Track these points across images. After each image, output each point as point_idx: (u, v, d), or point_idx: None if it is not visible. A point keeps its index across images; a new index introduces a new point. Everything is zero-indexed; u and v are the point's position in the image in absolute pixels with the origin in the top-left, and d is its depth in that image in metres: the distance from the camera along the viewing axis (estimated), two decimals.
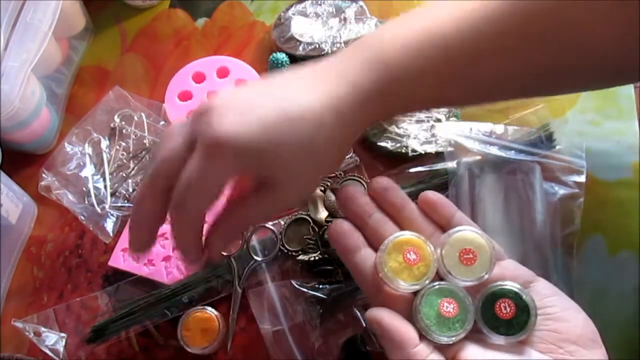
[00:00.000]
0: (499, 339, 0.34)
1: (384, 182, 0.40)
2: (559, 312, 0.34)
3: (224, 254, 0.52)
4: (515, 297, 0.34)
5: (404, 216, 0.40)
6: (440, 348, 0.34)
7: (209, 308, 0.50)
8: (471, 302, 0.34)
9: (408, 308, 0.36)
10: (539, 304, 0.34)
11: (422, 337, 0.35)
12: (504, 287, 0.34)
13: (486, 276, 0.35)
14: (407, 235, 0.37)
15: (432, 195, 0.39)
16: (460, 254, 0.35)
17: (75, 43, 0.65)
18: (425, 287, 0.35)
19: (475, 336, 0.35)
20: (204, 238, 0.38)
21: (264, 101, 0.35)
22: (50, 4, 0.57)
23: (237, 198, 0.38)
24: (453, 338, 0.34)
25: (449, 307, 0.34)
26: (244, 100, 0.35)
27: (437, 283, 0.35)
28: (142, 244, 0.38)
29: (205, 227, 0.38)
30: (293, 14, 0.64)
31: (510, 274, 0.36)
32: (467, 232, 0.36)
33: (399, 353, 0.34)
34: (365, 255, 0.39)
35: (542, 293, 0.35)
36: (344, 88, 0.36)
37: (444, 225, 0.39)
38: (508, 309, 0.34)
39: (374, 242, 0.39)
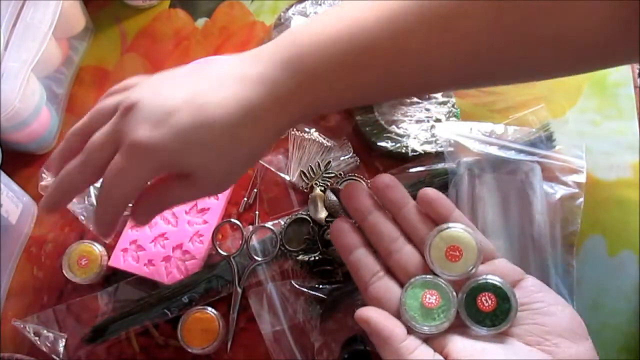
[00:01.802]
0: (483, 331, 0.34)
1: (385, 179, 0.41)
2: (545, 307, 0.35)
3: (224, 253, 0.52)
4: (495, 289, 0.35)
5: (403, 215, 0.40)
6: (428, 341, 0.35)
7: (209, 308, 0.50)
8: (454, 294, 0.35)
9: (395, 305, 0.37)
10: (527, 299, 0.35)
11: (410, 332, 0.36)
12: (483, 281, 0.35)
13: (472, 271, 0.36)
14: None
15: (430, 192, 0.40)
16: (447, 250, 0.36)
17: (75, 43, 0.65)
18: (410, 280, 0.37)
19: (462, 329, 0.36)
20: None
21: (179, 106, 0.37)
22: (50, 4, 0.57)
23: (161, 180, 0.40)
24: (435, 328, 0.35)
25: (431, 299, 0.35)
26: (160, 104, 0.37)
27: (422, 276, 0.36)
28: (106, 225, 0.41)
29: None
30: (293, 14, 0.64)
31: (500, 272, 0.37)
32: (455, 229, 0.37)
33: (388, 348, 0.35)
34: (360, 254, 0.40)
35: (529, 289, 0.36)
36: (262, 89, 0.37)
37: (440, 224, 0.39)
38: (489, 302, 0.35)
39: (372, 241, 0.40)
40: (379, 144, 0.56)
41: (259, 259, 0.52)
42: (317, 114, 0.42)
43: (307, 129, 0.58)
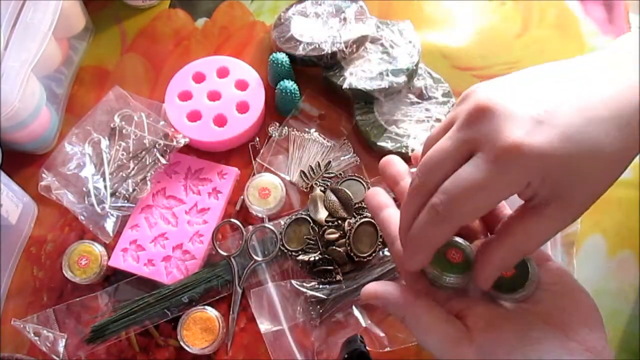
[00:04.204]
0: (501, 296, 0.35)
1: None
2: (566, 291, 0.35)
3: (224, 254, 0.52)
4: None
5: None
6: (444, 304, 0.36)
7: (209, 308, 0.50)
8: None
9: None
10: (550, 280, 0.35)
11: (422, 296, 0.36)
12: None
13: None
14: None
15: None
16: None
17: (75, 43, 0.65)
18: None
19: (480, 297, 0.36)
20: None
21: (560, 101, 0.31)
22: (50, 4, 0.57)
23: (510, 220, 0.33)
24: (455, 279, 0.36)
25: (455, 255, 0.36)
26: (535, 100, 0.31)
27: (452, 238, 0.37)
28: (419, 259, 0.34)
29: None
30: (293, 14, 0.64)
31: None
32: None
33: (400, 308, 0.35)
34: (391, 212, 0.41)
35: (553, 272, 0.36)
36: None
37: None
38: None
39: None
40: (379, 144, 0.56)
41: (259, 259, 0.52)
42: None
43: (307, 129, 0.58)
